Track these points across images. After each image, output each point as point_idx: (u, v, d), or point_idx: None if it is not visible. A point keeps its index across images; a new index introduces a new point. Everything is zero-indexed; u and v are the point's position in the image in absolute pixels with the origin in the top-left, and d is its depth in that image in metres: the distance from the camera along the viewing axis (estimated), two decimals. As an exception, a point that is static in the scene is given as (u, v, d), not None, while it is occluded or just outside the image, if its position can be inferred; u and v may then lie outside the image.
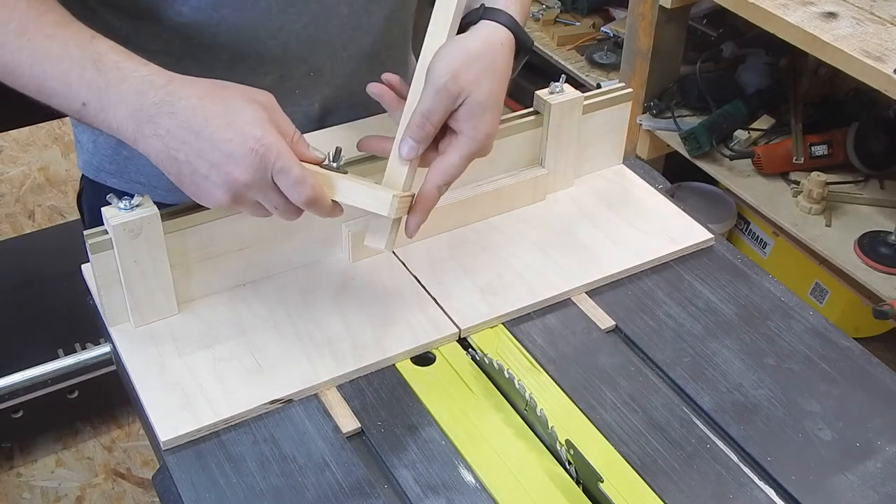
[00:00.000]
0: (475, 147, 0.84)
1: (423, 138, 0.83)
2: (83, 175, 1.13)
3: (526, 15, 0.94)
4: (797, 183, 1.98)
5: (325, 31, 0.99)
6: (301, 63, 1.00)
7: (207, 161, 0.76)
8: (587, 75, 2.43)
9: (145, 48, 0.82)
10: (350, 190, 0.80)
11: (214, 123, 0.75)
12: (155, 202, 0.84)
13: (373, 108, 0.96)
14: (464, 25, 0.88)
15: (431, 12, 0.87)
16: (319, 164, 0.81)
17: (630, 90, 1.09)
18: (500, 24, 0.86)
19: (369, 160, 0.92)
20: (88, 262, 0.85)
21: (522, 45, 0.89)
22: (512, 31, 0.87)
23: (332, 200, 0.80)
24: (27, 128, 2.71)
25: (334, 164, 0.81)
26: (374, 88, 0.89)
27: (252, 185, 0.76)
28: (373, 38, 1.04)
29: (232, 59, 0.96)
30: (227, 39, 0.94)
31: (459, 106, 0.83)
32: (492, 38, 0.85)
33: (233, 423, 0.81)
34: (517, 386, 0.82)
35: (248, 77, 0.91)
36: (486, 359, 0.86)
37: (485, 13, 0.87)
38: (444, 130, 0.85)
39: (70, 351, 1.73)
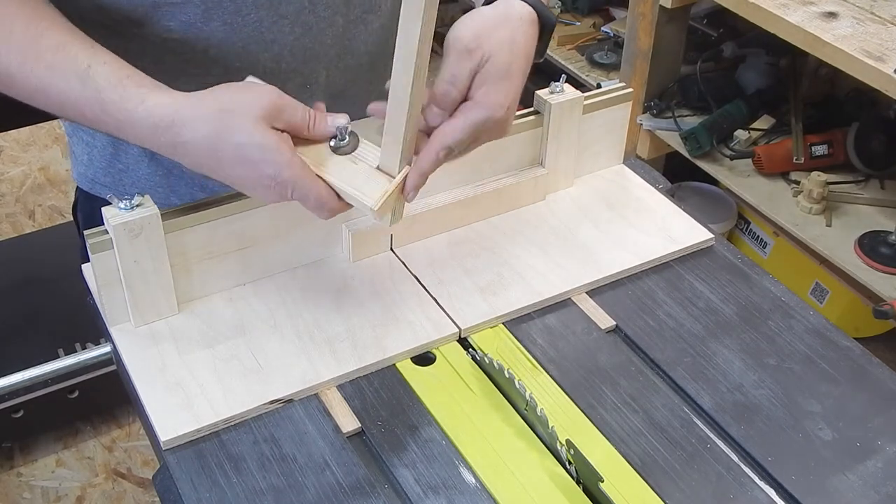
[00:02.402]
0: (483, 115, 0.80)
1: (449, 105, 0.80)
2: (78, 186, 1.13)
3: None
4: (797, 183, 1.98)
5: (319, 42, 0.98)
6: (295, 75, 0.99)
7: (237, 185, 0.80)
8: (587, 75, 2.43)
9: (135, 65, 0.81)
10: (340, 190, 0.81)
11: (228, 163, 0.77)
12: None
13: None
14: (486, 1, 0.86)
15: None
16: (328, 143, 0.81)
17: (630, 90, 1.09)
18: (525, 1, 0.84)
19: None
20: (88, 262, 0.85)
21: (546, 22, 0.86)
22: (533, 7, 0.84)
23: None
24: (27, 128, 2.71)
25: (343, 142, 0.81)
26: (373, 109, 0.86)
27: (279, 201, 0.80)
28: (369, 47, 1.04)
29: (224, 73, 0.93)
30: (217, 53, 0.93)
31: (481, 71, 0.80)
32: (511, 10, 0.83)
33: (233, 423, 0.81)
34: (517, 386, 0.82)
35: None
36: (486, 359, 0.86)
37: None
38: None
39: (70, 351, 1.73)
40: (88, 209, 1.11)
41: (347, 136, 0.82)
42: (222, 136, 0.76)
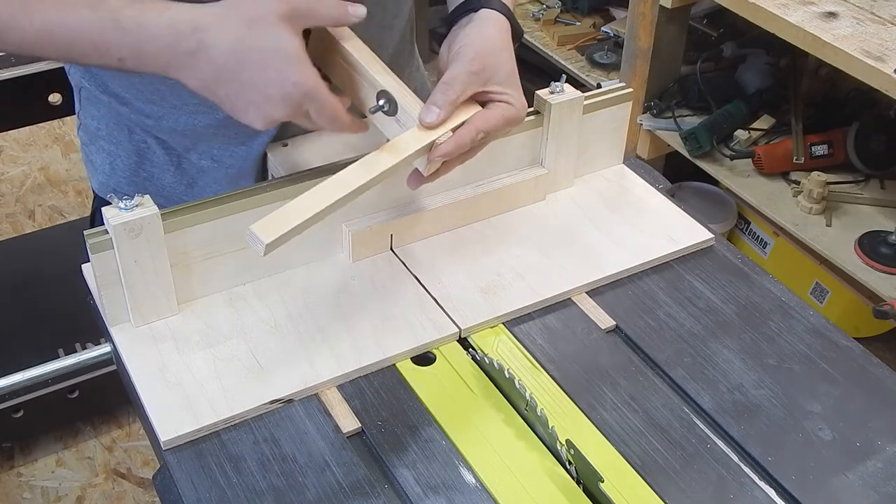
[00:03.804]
0: (513, 113, 0.87)
1: (444, 103, 0.84)
2: (96, 195, 1.12)
3: (514, 3, 0.96)
4: (797, 183, 1.98)
5: None
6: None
7: (246, 100, 0.79)
8: (587, 75, 2.43)
9: None
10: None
11: (252, 67, 0.77)
12: None
13: None
14: (462, 12, 0.91)
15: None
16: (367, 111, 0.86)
17: (630, 90, 1.09)
18: (500, 12, 0.90)
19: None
20: (88, 261, 0.85)
21: (516, 34, 0.92)
22: (508, 20, 0.91)
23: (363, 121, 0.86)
24: (27, 128, 2.71)
25: (384, 107, 0.86)
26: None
27: (289, 117, 0.81)
28: (391, 50, 1.06)
29: None
30: None
31: (490, 82, 0.86)
32: (499, 23, 0.90)
33: (233, 423, 0.81)
34: (517, 386, 0.82)
35: None
36: (486, 359, 0.86)
37: (484, 2, 0.90)
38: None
39: (70, 351, 1.73)
40: None
41: (385, 101, 0.86)
42: (247, 41, 0.77)
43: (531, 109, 1.03)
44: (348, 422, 0.82)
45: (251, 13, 0.78)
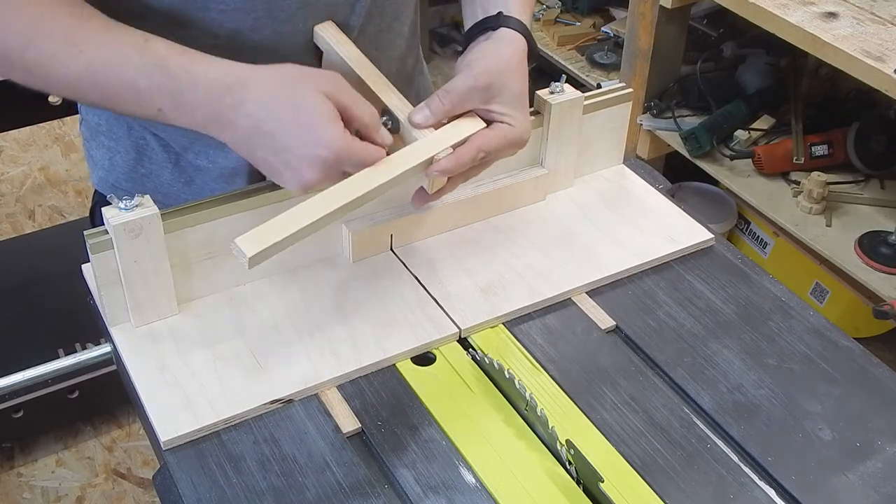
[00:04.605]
0: (515, 135, 0.87)
1: (437, 110, 0.85)
2: (96, 190, 1.12)
3: (531, 22, 0.96)
4: (797, 183, 1.98)
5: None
6: None
7: (282, 161, 0.79)
8: (587, 75, 2.43)
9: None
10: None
11: (287, 127, 0.78)
12: None
13: None
14: (482, 29, 0.91)
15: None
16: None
17: (630, 90, 1.09)
18: (519, 32, 0.90)
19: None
20: (88, 262, 0.85)
21: (532, 53, 0.92)
22: (527, 40, 0.91)
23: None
24: (27, 128, 2.71)
25: (388, 123, 0.86)
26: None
27: (324, 180, 0.80)
28: (394, 53, 1.06)
29: None
30: (263, 62, 0.93)
31: (495, 101, 0.86)
32: (515, 43, 0.90)
33: (233, 423, 0.81)
34: (517, 386, 0.82)
35: None
36: (486, 359, 0.86)
37: (503, 20, 0.90)
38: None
39: (70, 351, 1.73)
40: None
41: (388, 118, 0.87)
42: (287, 98, 0.78)
43: (531, 109, 1.03)
44: (348, 422, 0.82)
45: (295, 74, 0.79)
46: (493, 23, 0.91)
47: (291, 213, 0.80)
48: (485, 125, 0.87)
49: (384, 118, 0.86)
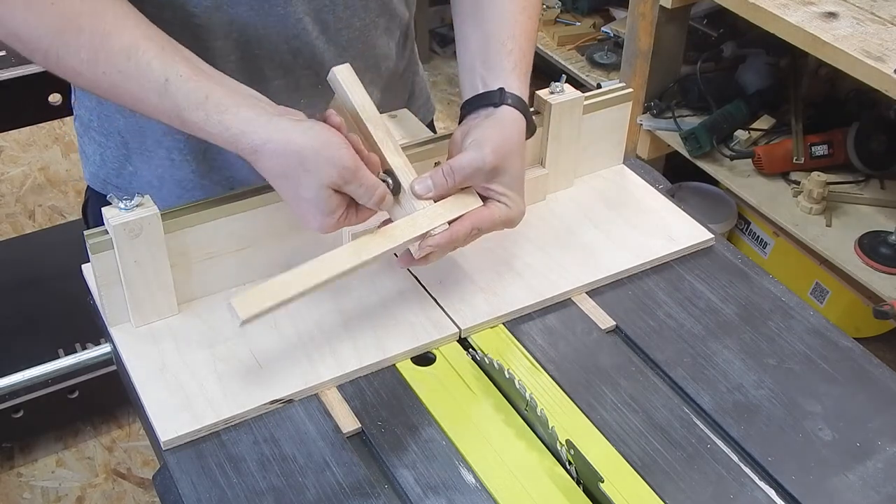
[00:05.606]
0: (510, 216, 0.89)
1: (439, 184, 0.86)
2: (89, 186, 1.13)
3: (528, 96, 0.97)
4: (797, 183, 1.98)
5: (335, 43, 0.99)
6: (310, 73, 1.00)
7: (300, 209, 0.83)
8: (587, 75, 2.44)
9: None
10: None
11: (287, 198, 0.83)
12: None
13: None
14: (483, 104, 0.91)
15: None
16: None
17: (630, 90, 1.09)
18: (520, 111, 0.91)
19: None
20: (88, 262, 0.85)
21: (530, 130, 0.93)
22: (526, 118, 0.92)
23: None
24: (27, 128, 2.71)
25: (389, 186, 0.86)
26: None
27: (336, 210, 0.83)
28: (384, 51, 1.06)
29: (241, 60, 0.95)
30: (238, 38, 0.94)
31: (496, 181, 0.87)
32: (518, 124, 0.91)
33: (233, 423, 0.81)
34: (517, 386, 0.82)
35: (254, 80, 0.92)
36: (486, 359, 0.86)
37: (505, 97, 0.90)
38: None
39: (70, 351, 1.73)
40: (98, 209, 1.11)
41: (389, 179, 0.86)
42: (291, 185, 0.81)
43: (531, 110, 1.03)
44: (348, 422, 0.82)
45: (307, 159, 0.80)
46: (495, 99, 0.91)
47: (288, 276, 0.81)
48: (482, 203, 0.88)
49: (384, 177, 0.86)
